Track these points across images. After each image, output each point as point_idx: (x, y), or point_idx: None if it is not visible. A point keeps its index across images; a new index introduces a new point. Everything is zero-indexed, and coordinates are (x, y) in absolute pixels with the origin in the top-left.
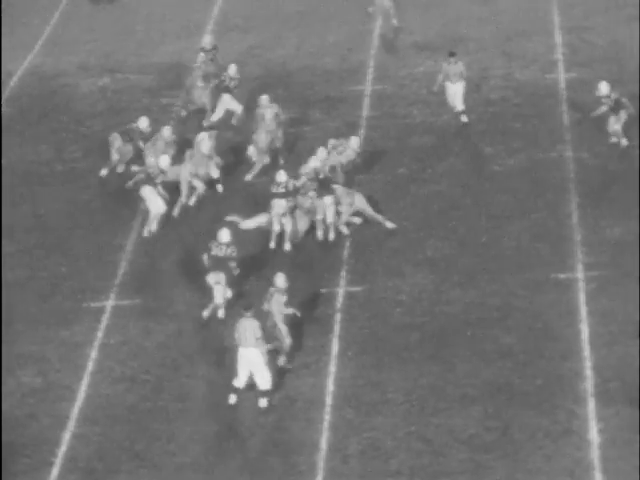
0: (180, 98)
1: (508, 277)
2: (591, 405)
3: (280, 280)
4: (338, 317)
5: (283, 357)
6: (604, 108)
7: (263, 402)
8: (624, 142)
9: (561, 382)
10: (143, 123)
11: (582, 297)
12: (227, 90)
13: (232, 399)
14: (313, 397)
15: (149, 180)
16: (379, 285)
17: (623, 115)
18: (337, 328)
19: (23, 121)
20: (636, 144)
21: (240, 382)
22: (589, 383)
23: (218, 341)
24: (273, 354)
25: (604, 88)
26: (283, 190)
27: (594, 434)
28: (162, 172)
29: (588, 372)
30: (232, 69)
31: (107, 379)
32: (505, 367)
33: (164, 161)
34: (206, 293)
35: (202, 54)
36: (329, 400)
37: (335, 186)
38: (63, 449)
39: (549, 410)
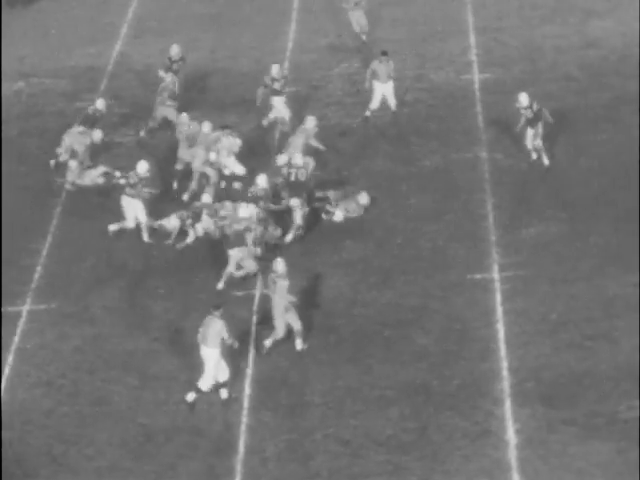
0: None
1: (424, 278)
2: (508, 405)
3: (280, 266)
4: (254, 319)
5: (299, 340)
6: (523, 120)
7: (191, 396)
8: (546, 161)
9: (478, 383)
10: (101, 104)
11: (498, 297)
12: (276, 93)
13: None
14: (230, 400)
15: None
16: (295, 287)
17: (540, 128)
18: (254, 330)
19: None
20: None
21: (225, 376)
22: (506, 383)
23: (134, 344)
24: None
25: (524, 99)
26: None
27: (511, 434)
28: (141, 179)
29: (505, 372)
30: (274, 69)
31: (24, 384)
32: (422, 368)
33: (142, 167)
34: (122, 297)
35: (166, 75)
36: (246, 403)
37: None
38: None
39: (467, 411)
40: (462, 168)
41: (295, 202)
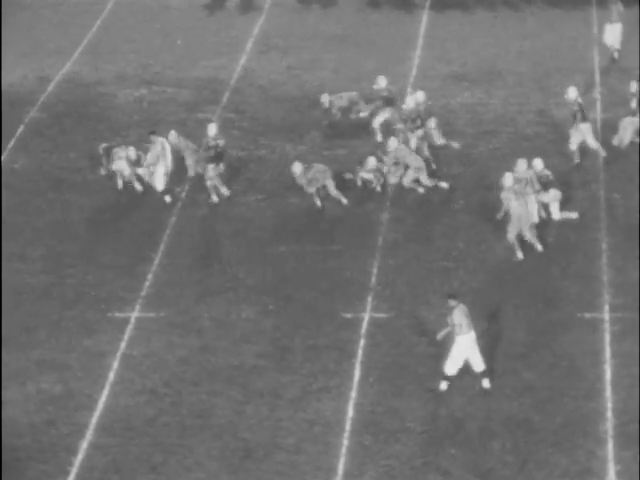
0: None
1: (534, 313)
2: (610, 446)
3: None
4: (362, 343)
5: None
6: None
7: (486, 382)
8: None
9: (582, 422)
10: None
11: (607, 338)
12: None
13: (443, 385)
14: (333, 421)
15: None
16: (405, 313)
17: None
18: (360, 354)
19: (57, 127)
20: None
21: (454, 370)
22: (609, 424)
23: (240, 359)
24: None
25: (572, 93)
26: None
27: (612, 476)
28: None
29: (609, 413)
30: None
31: (127, 390)
32: (526, 403)
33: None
34: (232, 310)
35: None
36: (348, 425)
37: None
38: (80, 458)
39: (568, 449)
40: (579, 206)
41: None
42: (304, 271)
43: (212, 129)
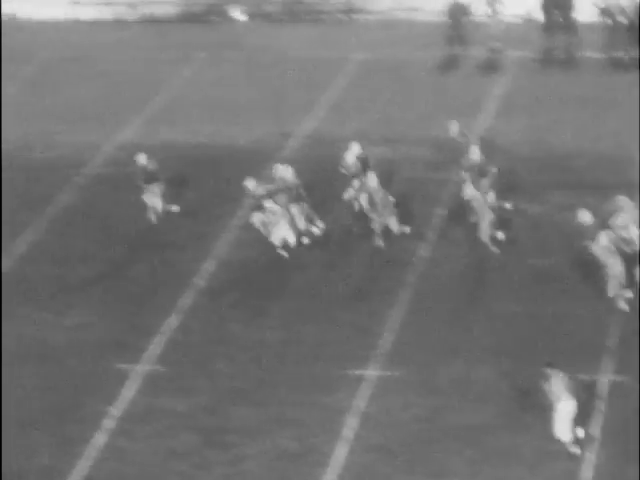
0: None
1: None
2: None
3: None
4: (602, 406)
5: None
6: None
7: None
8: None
9: None
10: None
11: None
12: None
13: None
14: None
15: None
16: None
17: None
18: (599, 416)
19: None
20: None
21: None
22: None
23: (476, 418)
24: None
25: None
26: None
27: None
28: None
29: None
30: None
31: (362, 448)
32: None
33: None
34: (469, 369)
35: None
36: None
37: None
38: None
39: None
40: None
41: None
42: (538, 331)
43: (251, 183)
